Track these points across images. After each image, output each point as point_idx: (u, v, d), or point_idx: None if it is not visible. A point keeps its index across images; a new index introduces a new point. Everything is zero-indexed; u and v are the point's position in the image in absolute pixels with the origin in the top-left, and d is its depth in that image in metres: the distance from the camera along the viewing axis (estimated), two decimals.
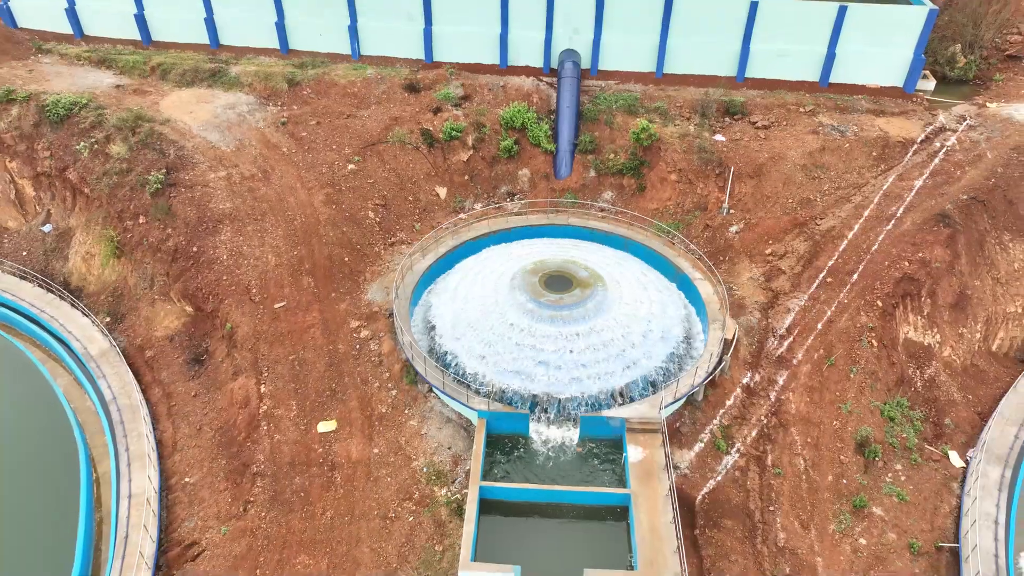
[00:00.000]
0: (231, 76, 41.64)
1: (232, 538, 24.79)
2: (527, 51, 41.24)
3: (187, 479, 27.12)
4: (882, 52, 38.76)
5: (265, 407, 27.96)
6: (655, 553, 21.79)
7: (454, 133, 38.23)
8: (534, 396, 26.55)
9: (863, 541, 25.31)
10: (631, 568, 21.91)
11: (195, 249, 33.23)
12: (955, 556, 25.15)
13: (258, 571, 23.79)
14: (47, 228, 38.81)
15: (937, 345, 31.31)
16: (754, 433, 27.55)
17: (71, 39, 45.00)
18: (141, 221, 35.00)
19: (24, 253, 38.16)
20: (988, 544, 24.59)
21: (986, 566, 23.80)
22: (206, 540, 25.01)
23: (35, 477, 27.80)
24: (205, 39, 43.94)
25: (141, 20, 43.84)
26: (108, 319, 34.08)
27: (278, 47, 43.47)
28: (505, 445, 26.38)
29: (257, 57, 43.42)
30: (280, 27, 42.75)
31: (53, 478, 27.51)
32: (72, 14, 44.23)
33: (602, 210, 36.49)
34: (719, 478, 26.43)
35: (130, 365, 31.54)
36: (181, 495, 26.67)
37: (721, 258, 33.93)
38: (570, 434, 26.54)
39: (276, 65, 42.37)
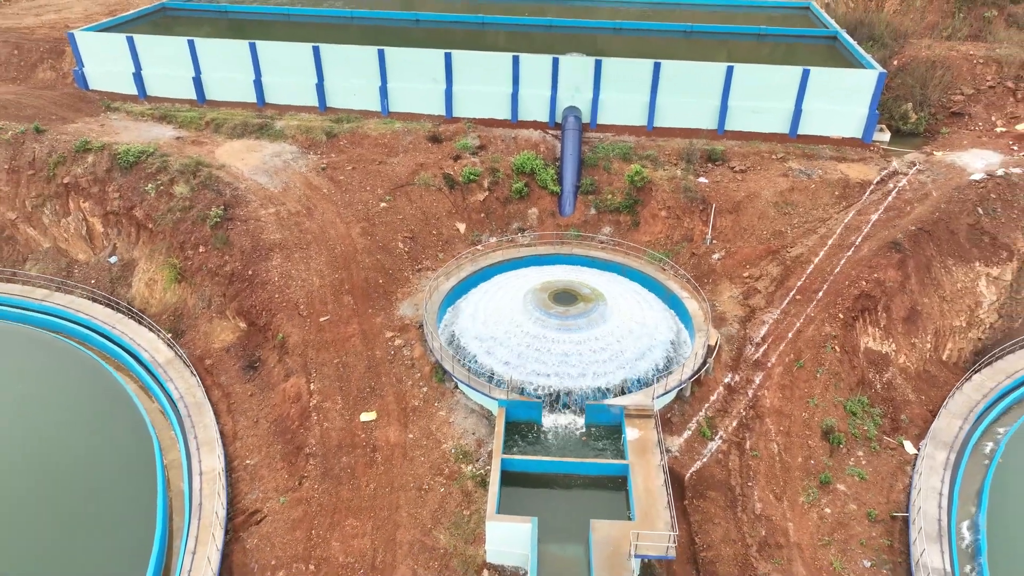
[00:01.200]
0: (276, 129, 47.78)
1: (290, 506, 29.08)
2: (535, 108, 47.48)
3: (248, 461, 31.53)
4: (842, 109, 44.93)
5: (315, 401, 32.57)
6: (649, 507, 26.11)
7: (472, 177, 43.96)
8: (546, 389, 31.24)
9: (828, 510, 29.60)
10: (630, 520, 26.16)
11: (250, 273, 38.41)
12: (906, 524, 29.34)
13: (312, 531, 28.00)
14: (113, 259, 44.08)
15: (893, 353, 36.14)
16: (735, 423, 32.09)
17: (135, 99, 51.31)
18: (201, 250, 40.28)
19: (92, 281, 43.28)
20: (933, 510, 28.89)
21: (930, 526, 28.07)
22: (267, 508, 29.29)
23: (116, 464, 32.03)
24: (253, 99, 50.23)
25: (198, 83, 50.25)
26: (170, 334, 38.91)
27: (317, 105, 49.73)
28: (521, 430, 30.87)
29: (298, 113, 49.61)
30: (320, 88, 49.11)
31: (132, 464, 31.77)
32: (138, 78, 50.67)
33: (602, 242, 41.84)
34: (705, 459, 30.86)
35: (192, 372, 36.25)
36: (243, 474, 31.03)
37: (705, 280, 39.05)
38: (576, 420, 31.10)
39: (315, 120, 48.54)
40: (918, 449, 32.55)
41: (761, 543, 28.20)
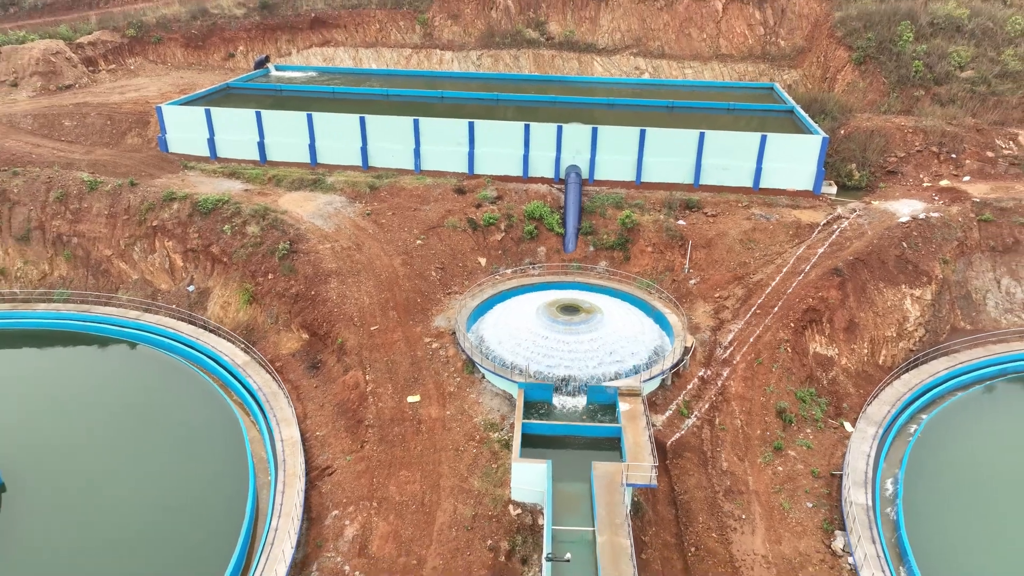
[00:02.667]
0: (327, 183, 57.46)
1: (354, 463, 36.78)
2: (543, 166, 57.32)
3: (318, 433, 39.36)
4: (795, 167, 54.73)
5: (370, 388, 40.63)
6: (637, 453, 33.89)
7: (491, 221, 53.24)
8: (554, 376, 39.39)
9: (780, 468, 37.29)
10: (622, 461, 33.89)
11: (312, 293, 47.11)
12: (842, 479, 36.96)
13: (373, 479, 35.60)
14: (191, 288, 52.86)
15: (836, 356, 44.48)
16: (707, 405, 40.09)
17: (207, 160, 61.26)
18: (270, 277, 49.11)
19: (174, 306, 51.84)
20: (861, 466, 36.62)
21: (857, 476, 35.79)
22: (336, 465, 36.99)
23: (210, 439, 39.81)
24: (307, 159, 60.21)
25: (261, 146, 60.35)
26: (243, 345, 47.21)
27: (361, 164, 59.61)
28: (535, 407, 38.75)
29: (345, 171, 59.39)
30: (363, 151, 59.14)
31: (223, 438, 39.58)
32: (211, 143, 60.80)
33: (599, 272, 50.70)
34: (682, 432, 38.71)
35: (267, 369, 44.40)
36: (315, 443, 38.81)
37: (683, 300, 47.67)
38: (580, 400, 39.10)
39: (360, 176, 58.29)
40: (854, 428, 40.44)
41: (726, 490, 35.82)
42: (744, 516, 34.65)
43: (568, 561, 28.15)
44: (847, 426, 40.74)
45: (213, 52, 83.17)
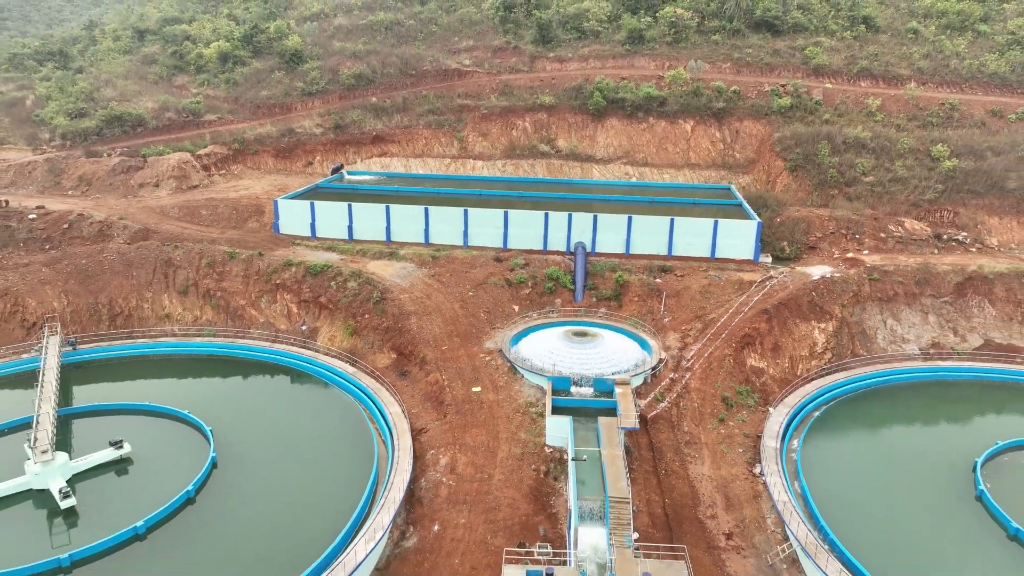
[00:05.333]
0: (400, 255, 78.57)
1: (440, 425, 55.60)
2: (557, 242, 78.65)
3: (412, 410, 58.29)
4: (739, 243, 76.02)
5: (446, 383, 59.86)
6: (627, 410, 52.67)
7: (521, 280, 73.83)
8: (571, 374, 58.74)
9: (723, 431, 56.11)
10: (617, 416, 52.74)
11: (399, 326, 67.09)
12: (762, 436, 55.69)
13: (454, 434, 54.30)
14: (304, 327, 72.81)
15: (765, 367, 64.00)
16: (675, 395, 59.26)
17: (308, 238, 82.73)
18: (366, 316, 69.23)
19: (291, 340, 71.57)
20: (775, 428, 55.46)
21: (771, 433, 54.62)
22: (428, 427, 55.82)
23: (341, 417, 58.70)
24: (383, 238, 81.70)
25: (350, 229, 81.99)
26: (350, 361, 66.60)
27: (423, 241, 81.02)
28: (558, 393, 57.89)
29: (412, 246, 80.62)
30: (426, 232, 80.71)
31: (348, 416, 58.50)
32: (312, 226, 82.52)
33: (599, 314, 70.80)
34: (658, 410, 57.71)
35: (371, 375, 63.68)
36: (411, 416, 57.62)
37: (660, 332, 67.49)
38: (588, 389, 58.24)
39: (423, 250, 79.47)
40: (774, 409, 59.46)
41: (686, 442, 54.56)
42: (697, 455, 53.38)
43: (584, 460, 46.89)
44: (771, 409, 59.79)
45: (297, 160, 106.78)
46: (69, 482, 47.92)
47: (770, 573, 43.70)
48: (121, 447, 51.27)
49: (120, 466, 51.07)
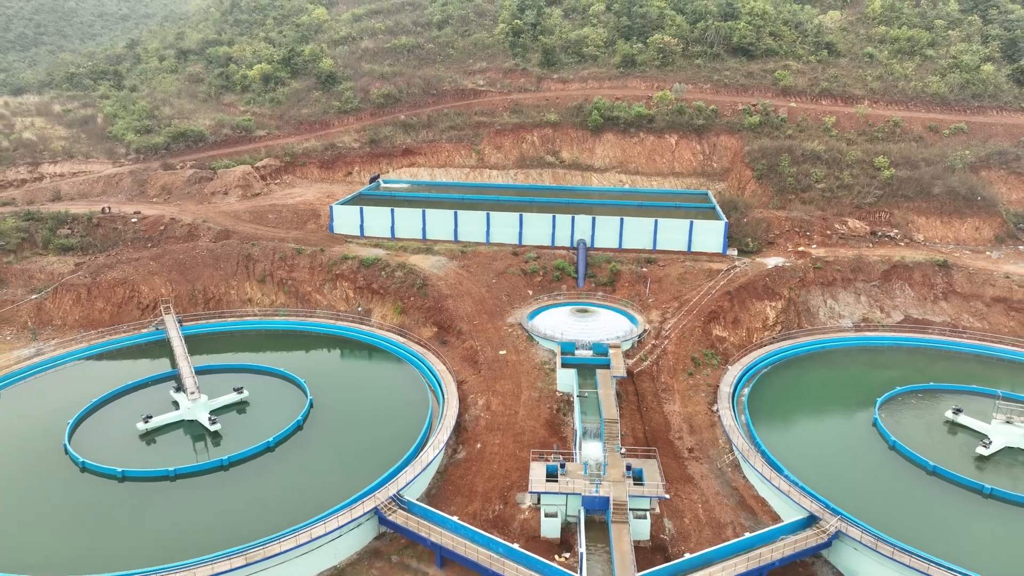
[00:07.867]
0: (434, 250, 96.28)
1: (476, 378, 73.28)
2: (562, 239, 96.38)
3: (454, 368, 76.05)
4: (710, 238, 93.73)
5: (479, 347, 77.57)
6: (618, 365, 70.39)
7: (534, 270, 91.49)
8: (575, 339, 76.42)
9: (691, 381, 73.86)
10: (610, 368, 70.39)
11: (438, 306, 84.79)
12: (719, 385, 73.41)
13: (487, 384, 72.01)
14: (360, 308, 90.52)
15: (728, 336, 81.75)
16: (656, 355, 76.99)
17: (358, 237, 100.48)
18: (412, 299, 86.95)
19: (350, 319, 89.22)
20: (731, 379, 73.22)
21: (727, 382, 72.38)
22: (467, 380, 73.54)
23: (398, 375, 76.40)
24: (420, 236, 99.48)
25: (391, 228, 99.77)
26: (399, 334, 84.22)
27: (453, 239, 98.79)
28: (566, 355, 75.49)
29: (443, 243, 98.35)
30: (455, 231, 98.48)
31: (405, 371, 76.23)
32: (361, 227, 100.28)
33: (597, 297, 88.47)
34: (642, 367, 75.41)
35: (418, 343, 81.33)
36: (454, 372, 75.35)
37: (645, 309, 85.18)
38: (588, 351, 75.91)
39: (453, 246, 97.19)
40: (731, 367, 77.15)
41: (663, 389, 72.33)
42: (670, 398, 71.16)
43: (586, 397, 64.68)
44: (728, 367, 77.51)
45: (338, 171, 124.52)
46: (210, 415, 65.73)
47: (719, 473, 61.46)
48: (242, 392, 69.03)
49: (241, 406, 68.83)
